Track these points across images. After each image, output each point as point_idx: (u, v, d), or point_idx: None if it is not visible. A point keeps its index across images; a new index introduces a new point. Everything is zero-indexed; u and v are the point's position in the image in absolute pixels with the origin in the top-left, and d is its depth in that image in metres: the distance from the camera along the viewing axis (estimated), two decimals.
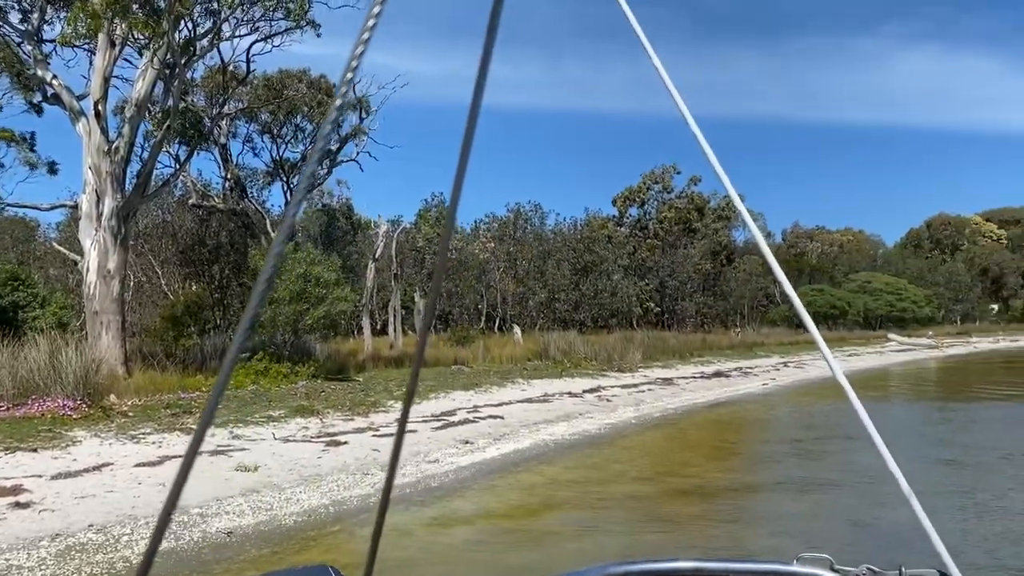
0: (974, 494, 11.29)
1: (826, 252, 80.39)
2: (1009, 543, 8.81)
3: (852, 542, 8.93)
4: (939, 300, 74.90)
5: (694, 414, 21.16)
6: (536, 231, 51.81)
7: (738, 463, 14.83)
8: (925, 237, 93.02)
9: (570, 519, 10.18)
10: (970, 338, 66.37)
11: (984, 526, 9.52)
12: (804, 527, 9.77)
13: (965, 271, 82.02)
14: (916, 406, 23.78)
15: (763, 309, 62.10)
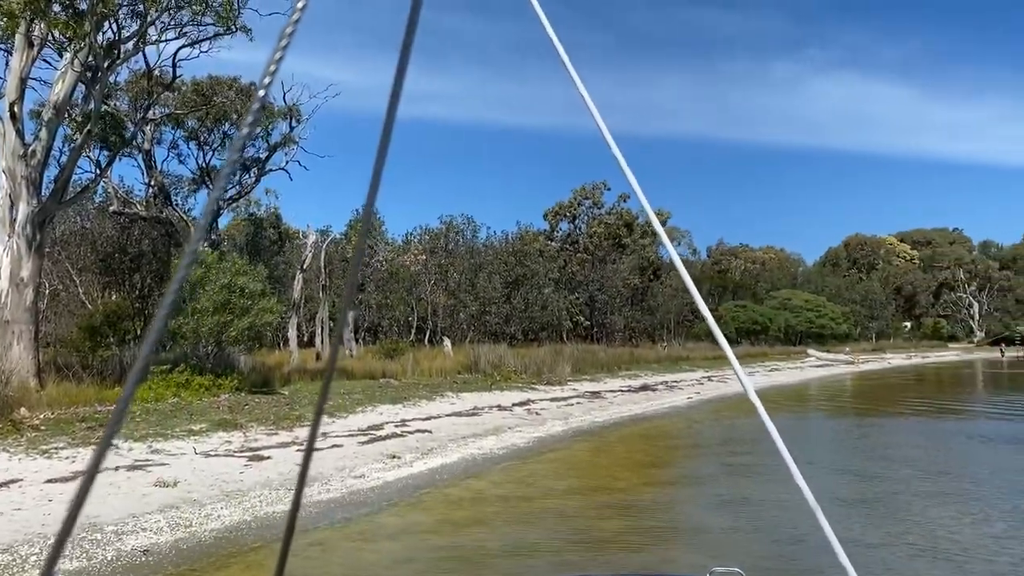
0: (879, 505, 11.74)
1: (749, 269, 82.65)
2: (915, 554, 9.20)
3: (770, 555, 9.18)
4: (856, 317, 77.67)
5: (621, 427, 21.43)
6: (468, 244, 51.90)
7: (663, 477, 15.08)
8: (843, 256, 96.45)
9: (497, 534, 10.19)
10: (884, 354, 68.98)
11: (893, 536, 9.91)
12: (725, 541, 10.00)
13: (880, 289, 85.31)
14: (834, 420, 24.59)
15: (689, 324, 63.36)
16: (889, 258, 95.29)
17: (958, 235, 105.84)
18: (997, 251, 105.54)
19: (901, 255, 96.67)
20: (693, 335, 60.55)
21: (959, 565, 8.68)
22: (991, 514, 11.13)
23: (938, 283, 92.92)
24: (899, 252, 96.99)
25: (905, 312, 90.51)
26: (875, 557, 8.82)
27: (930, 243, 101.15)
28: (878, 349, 73.51)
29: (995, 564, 8.72)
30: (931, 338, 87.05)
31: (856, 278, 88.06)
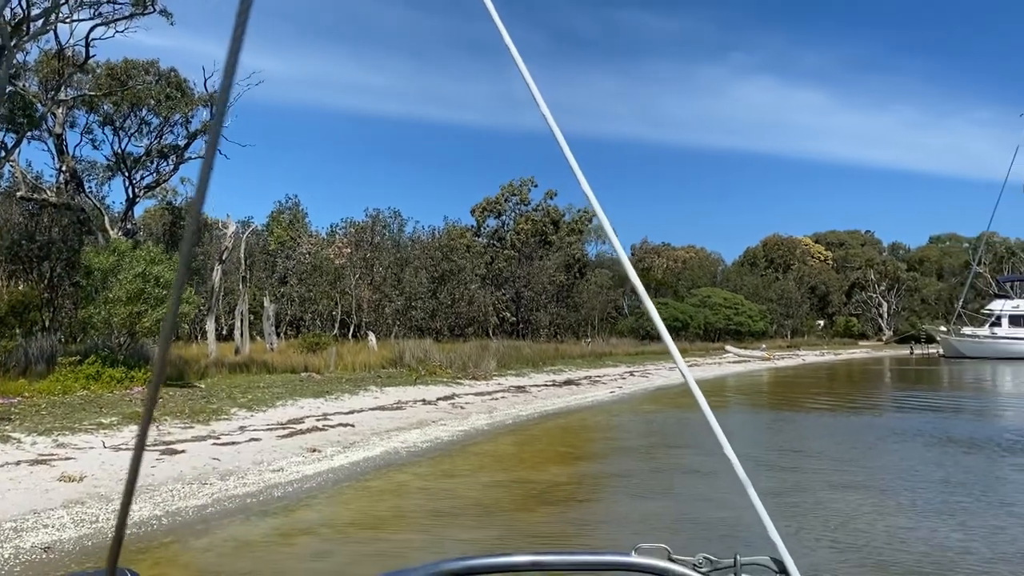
0: (794, 494, 12.12)
1: (671, 268, 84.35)
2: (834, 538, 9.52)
3: (693, 538, 9.36)
4: (772, 315, 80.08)
5: (545, 421, 21.57)
6: (394, 238, 51.45)
7: (585, 468, 15.23)
8: (761, 256, 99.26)
9: (419, 527, 10.11)
10: (799, 351, 71.33)
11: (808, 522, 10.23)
12: (650, 527, 10.15)
13: (795, 289, 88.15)
14: (749, 414, 25.27)
15: (612, 320, 64.30)
16: (804, 258, 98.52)
17: (869, 237, 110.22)
18: (905, 253, 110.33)
19: (816, 255, 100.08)
20: (616, 331, 61.47)
21: (863, 551, 9.02)
22: (894, 504, 11.60)
23: (850, 283, 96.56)
24: (814, 253, 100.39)
25: (819, 310, 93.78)
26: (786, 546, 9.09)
27: (843, 244, 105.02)
28: (793, 346, 75.98)
29: (898, 552, 9.08)
30: (843, 336, 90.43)
31: (773, 277, 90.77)
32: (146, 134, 32.31)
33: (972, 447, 16.74)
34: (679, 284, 77.81)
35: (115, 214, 33.88)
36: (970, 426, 20.68)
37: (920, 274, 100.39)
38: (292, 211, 52.55)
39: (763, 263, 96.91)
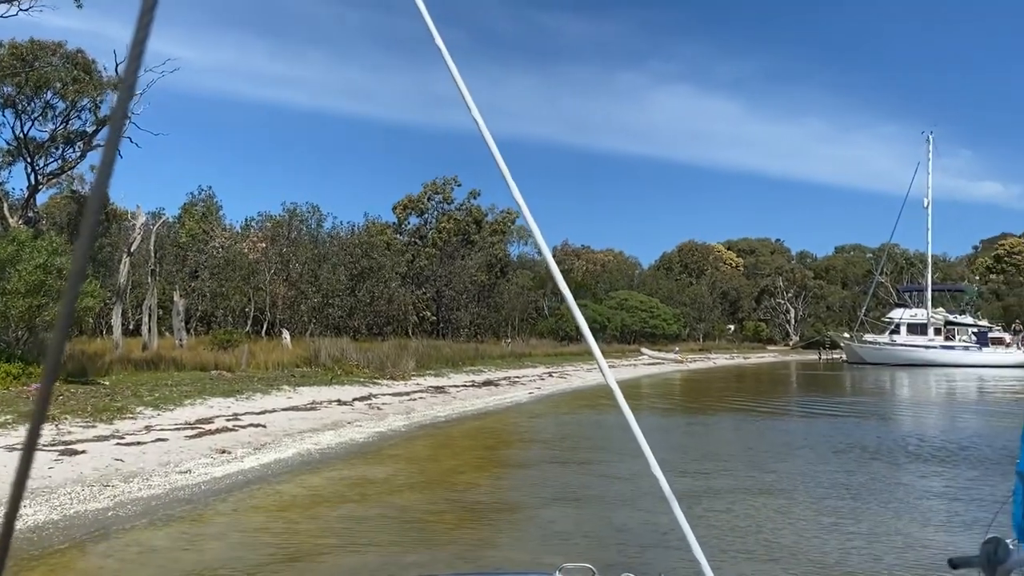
0: (706, 499, 12.40)
1: (590, 270, 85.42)
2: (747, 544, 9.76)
3: (615, 548, 9.45)
4: (685, 319, 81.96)
5: (463, 422, 21.52)
6: (312, 233, 50.44)
7: (503, 470, 15.24)
8: (676, 261, 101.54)
9: (330, 532, 9.91)
10: (710, 354, 73.22)
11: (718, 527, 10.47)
12: (570, 535, 10.21)
13: (708, 294, 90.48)
14: (664, 417, 25.78)
15: (533, 321, 64.69)
16: (717, 264, 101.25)
17: (779, 245, 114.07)
18: (812, 261, 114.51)
19: (728, 262, 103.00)
20: (537, 332, 61.87)
21: (774, 554, 9.29)
22: (801, 510, 11.99)
23: (760, 289, 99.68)
24: (726, 259, 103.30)
25: (730, 315, 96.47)
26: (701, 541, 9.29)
27: (754, 252, 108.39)
28: (704, 349, 77.95)
29: (802, 554, 9.38)
30: (752, 340, 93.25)
31: (687, 282, 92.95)
32: (51, 118, 30.83)
33: (875, 453, 17.45)
34: (598, 286, 78.84)
35: (15, 201, 32.21)
36: (873, 432, 21.59)
37: (826, 282, 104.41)
38: (206, 203, 51.01)
39: (678, 268, 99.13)
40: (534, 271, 69.19)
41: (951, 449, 17.93)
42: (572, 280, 76.43)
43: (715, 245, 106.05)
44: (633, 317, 72.99)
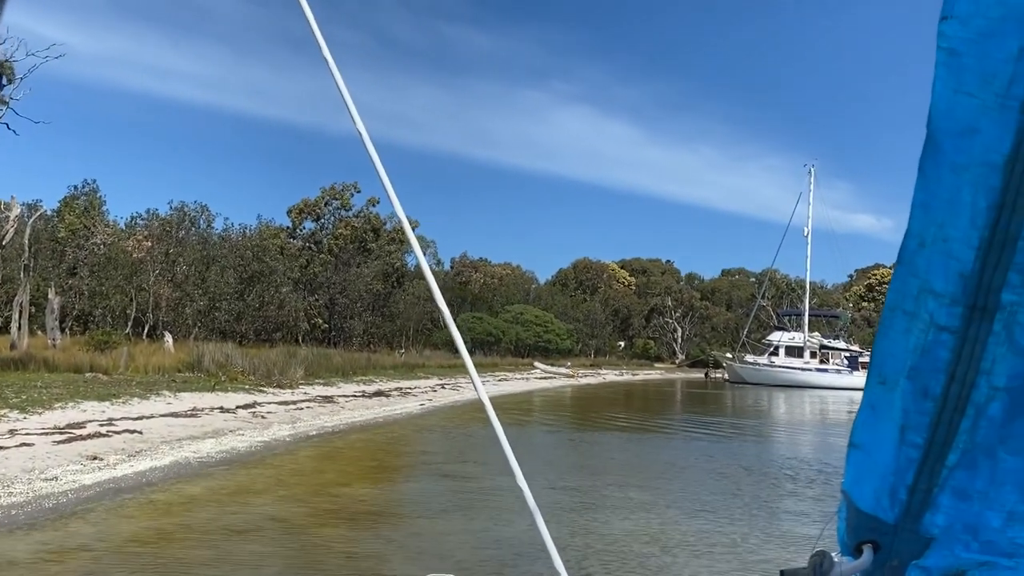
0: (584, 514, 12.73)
1: (488, 283, 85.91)
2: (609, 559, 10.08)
3: (489, 560, 9.58)
4: (578, 334, 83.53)
5: (351, 433, 21.26)
6: (201, 234, 48.82)
7: (388, 483, 15.16)
8: (571, 277, 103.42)
9: (207, 544, 9.66)
10: (600, 370, 74.81)
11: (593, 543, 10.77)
12: (448, 547, 10.28)
13: (600, 310, 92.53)
14: (552, 432, 26.21)
15: (428, 332, 64.48)
16: (610, 282, 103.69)
17: (669, 266, 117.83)
18: (700, 283, 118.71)
19: (620, 280, 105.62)
20: (431, 343, 61.70)
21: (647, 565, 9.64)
22: (680, 530, 12.47)
23: (650, 308, 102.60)
24: (619, 277, 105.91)
25: (620, 332, 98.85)
26: (571, 556, 9.54)
27: (645, 271, 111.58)
28: (595, 365, 79.57)
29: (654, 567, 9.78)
30: (641, 357, 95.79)
31: (581, 298, 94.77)
32: None
33: (753, 472, 18.28)
34: (494, 299, 79.39)
35: None
36: (752, 451, 22.60)
37: (712, 303, 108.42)
38: (88, 197, 48.69)
39: (573, 284, 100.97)
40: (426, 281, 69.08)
41: (816, 468, 18.99)
42: (469, 292, 76.70)
43: (609, 263, 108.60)
44: (528, 331, 73.82)
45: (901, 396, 1.12)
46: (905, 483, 1.18)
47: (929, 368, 1.07)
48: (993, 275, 0.97)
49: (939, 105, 0.94)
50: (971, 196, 0.96)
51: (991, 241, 0.96)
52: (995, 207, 0.94)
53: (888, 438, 1.16)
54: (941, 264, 1.01)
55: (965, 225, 0.97)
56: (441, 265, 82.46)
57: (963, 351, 1.03)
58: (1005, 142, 0.90)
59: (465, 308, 71.86)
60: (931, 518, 1.22)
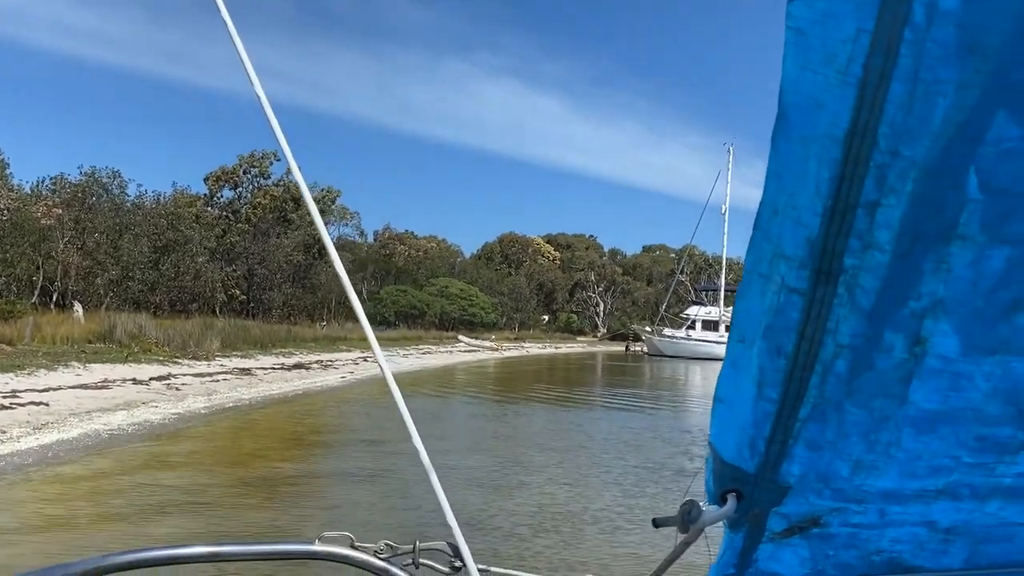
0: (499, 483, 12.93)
1: (413, 256, 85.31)
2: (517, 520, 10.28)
3: (402, 523, 9.65)
4: (503, 308, 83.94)
5: (269, 405, 21.00)
6: (114, 201, 46.90)
7: (304, 453, 15.06)
8: (497, 251, 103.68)
9: (116, 517, 9.46)
10: (524, 343, 75.46)
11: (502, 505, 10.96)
12: (360, 513, 10.31)
13: (526, 284, 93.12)
14: (472, 403, 26.38)
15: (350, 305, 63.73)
16: (535, 257, 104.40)
17: (592, 242, 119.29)
18: (622, 259, 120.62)
19: (545, 255, 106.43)
20: (354, 316, 60.87)
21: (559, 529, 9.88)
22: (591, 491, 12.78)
23: (573, 282, 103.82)
24: (544, 252, 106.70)
25: (544, 306, 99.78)
26: (493, 524, 9.71)
27: (570, 246, 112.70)
28: (519, 338, 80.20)
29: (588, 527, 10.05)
30: (564, 331, 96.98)
31: (506, 272, 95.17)
32: None
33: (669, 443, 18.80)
34: (419, 273, 78.96)
35: None
36: (668, 422, 23.23)
37: (633, 279, 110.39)
38: None
39: (499, 258, 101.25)
40: (354, 253, 68.19)
41: None
42: (394, 265, 76.08)
43: (535, 238, 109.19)
44: (453, 305, 73.79)
45: (758, 354, 1.21)
46: (763, 435, 1.28)
47: (781, 327, 1.16)
48: (836, 241, 1.07)
49: (788, 81, 1.02)
50: (816, 167, 1.04)
51: (833, 209, 1.05)
52: (836, 178, 1.03)
53: (747, 393, 1.26)
54: (791, 230, 1.10)
55: (811, 194, 1.06)
56: (365, 237, 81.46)
57: (811, 311, 1.13)
58: (844, 117, 0.99)
59: (390, 281, 71.29)
60: (787, 468, 1.32)
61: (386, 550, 1.50)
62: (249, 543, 1.57)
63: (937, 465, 1.29)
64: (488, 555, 8.21)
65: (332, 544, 1.53)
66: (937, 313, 1.12)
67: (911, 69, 0.94)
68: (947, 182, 1.02)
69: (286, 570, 7.15)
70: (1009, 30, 0.92)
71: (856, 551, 1.52)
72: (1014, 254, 1.06)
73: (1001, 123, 0.98)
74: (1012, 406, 1.19)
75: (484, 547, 8.52)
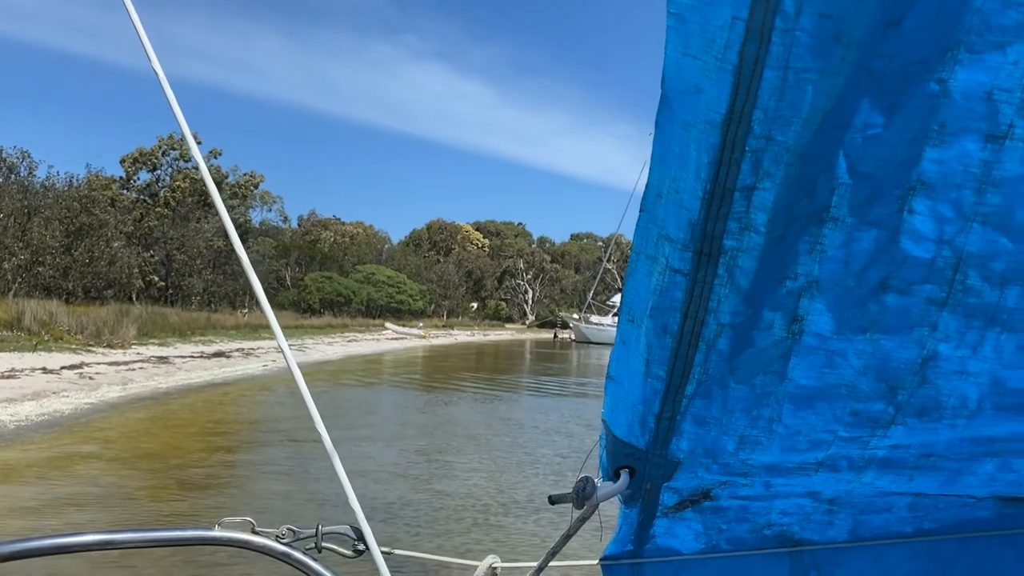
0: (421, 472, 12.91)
1: (339, 242, 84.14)
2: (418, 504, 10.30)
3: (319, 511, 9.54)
4: (431, 295, 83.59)
5: (187, 394, 20.46)
6: (22, 182, 44.81)
7: (223, 443, 14.74)
8: (425, 238, 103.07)
9: (23, 511, 9.09)
10: (453, 331, 75.34)
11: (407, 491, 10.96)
12: (276, 502, 10.16)
13: (454, 272, 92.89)
14: (398, 392, 26.24)
15: (274, 292, 62.54)
16: (464, 244, 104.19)
17: (521, 229, 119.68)
18: (551, 246, 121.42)
19: (474, 242, 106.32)
20: (277, 304, 59.90)
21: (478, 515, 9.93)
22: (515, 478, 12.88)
23: (502, 270, 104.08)
24: (473, 239, 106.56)
25: (473, 293, 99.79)
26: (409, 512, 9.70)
27: (499, 234, 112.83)
28: (448, 325, 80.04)
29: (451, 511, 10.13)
30: (493, 318, 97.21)
31: (435, 259, 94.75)
32: None
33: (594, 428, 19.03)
34: (345, 259, 77.92)
35: None
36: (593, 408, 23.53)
37: (562, 266, 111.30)
38: None
39: (427, 245, 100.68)
40: (277, 239, 66.89)
41: None
42: (319, 251, 74.88)
43: (463, 225, 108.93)
44: (380, 292, 73.09)
45: (645, 332, 1.24)
46: (652, 412, 1.32)
47: (667, 307, 1.19)
48: (716, 223, 1.10)
49: (670, 66, 1.04)
50: (696, 151, 1.07)
51: (712, 193, 1.08)
52: (715, 162, 1.05)
53: (637, 371, 1.29)
54: (674, 213, 1.13)
55: (692, 178, 1.09)
56: (289, 222, 79.90)
57: (694, 292, 1.16)
58: (722, 102, 1.01)
59: (314, 267, 70.14)
60: (676, 444, 1.36)
61: (288, 535, 1.48)
62: (145, 530, 1.52)
63: (816, 439, 1.34)
64: (406, 542, 8.20)
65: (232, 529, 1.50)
66: (812, 293, 1.17)
67: (782, 57, 0.97)
68: (818, 166, 1.06)
69: (196, 558, 7.01)
70: (871, 21, 0.96)
71: (747, 524, 1.57)
72: (881, 236, 1.11)
73: (866, 110, 1.02)
74: (882, 382, 1.24)
75: (400, 534, 8.52)
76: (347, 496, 1.62)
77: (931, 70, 1.00)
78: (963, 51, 0.98)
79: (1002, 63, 0.98)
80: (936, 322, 1.17)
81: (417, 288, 79.32)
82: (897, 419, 1.30)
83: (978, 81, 0.99)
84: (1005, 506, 1.57)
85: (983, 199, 1.07)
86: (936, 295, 1.15)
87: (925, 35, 0.97)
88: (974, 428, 1.32)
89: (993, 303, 1.14)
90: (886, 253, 1.12)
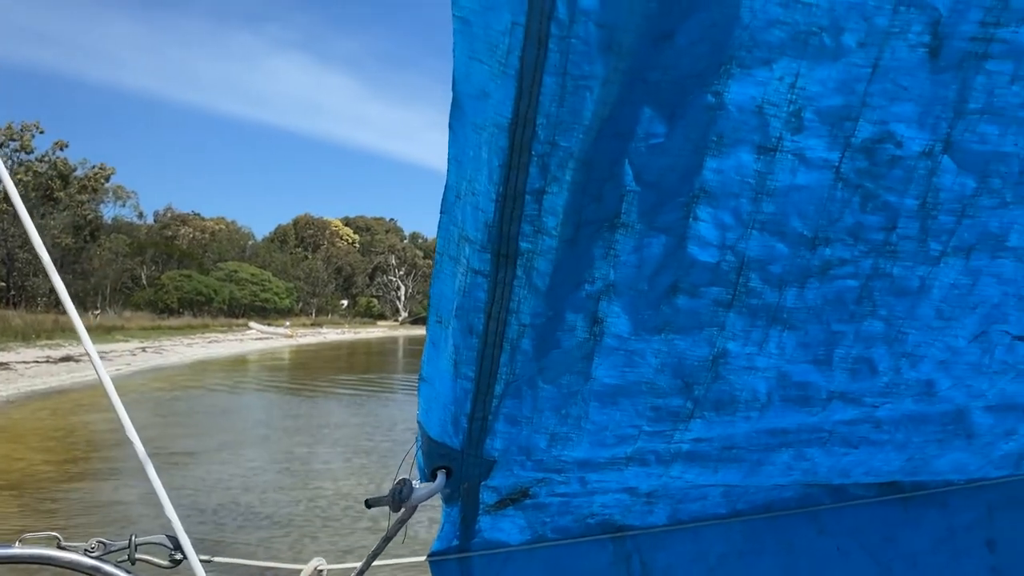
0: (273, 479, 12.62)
1: (198, 239, 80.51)
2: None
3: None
4: (299, 293, 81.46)
5: (31, 402, 19.17)
6: None
7: (69, 454, 13.87)
8: (292, 234, 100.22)
9: None
10: (322, 329, 73.72)
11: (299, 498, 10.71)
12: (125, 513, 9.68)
13: (323, 268, 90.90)
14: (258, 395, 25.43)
15: (128, 292, 59.26)
16: (333, 240, 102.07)
17: (393, 224, 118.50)
18: (423, 242, 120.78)
19: (344, 238, 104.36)
20: (132, 304, 56.79)
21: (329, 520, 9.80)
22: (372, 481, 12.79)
23: (374, 266, 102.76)
24: (342, 235, 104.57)
25: (343, 290, 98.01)
26: (251, 518, 9.44)
27: (369, 229, 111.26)
28: (317, 324, 78.25)
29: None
30: (364, 315, 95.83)
31: (302, 256, 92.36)
32: None
33: None
34: (205, 256, 74.69)
35: None
36: None
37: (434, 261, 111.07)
38: None
39: (293, 241, 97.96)
40: (132, 236, 63.37)
41: None
42: (177, 248, 71.47)
43: (332, 220, 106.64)
44: (243, 290, 70.57)
45: (452, 333, 1.25)
46: (464, 412, 1.33)
47: (471, 307, 1.21)
48: (510, 225, 1.12)
49: (459, 69, 1.05)
50: (488, 154, 1.09)
51: (506, 195, 1.09)
52: (505, 165, 1.07)
53: (446, 372, 1.30)
54: (472, 215, 1.14)
55: (485, 180, 1.10)
56: (144, 218, 75.75)
57: (495, 292, 1.18)
58: (508, 106, 1.03)
59: (172, 265, 66.87)
60: (491, 443, 1.38)
61: (98, 548, 1.42)
62: None
63: (622, 435, 1.40)
64: (244, 551, 7.98)
65: (34, 546, 1.41)
66: (610, 295, 1.21)
67: (560, 63, 0.98)
68: (603, 173, 1.10)
69: None
70: (641, 34, 0.98)
71: (571, 516, 1.63)
72: (670, 242, 1.16)
73: (647, 120, 1.06)
74: (679, 379, 1.31)
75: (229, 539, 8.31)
76: (162, 504, 1.56)
77: (707, 83, 1.03)
78: (735, 66, 1.02)
79: (769, 78, 1.04)
80: (724, 322, 1.24)
81: (283, 286, 77.09)
82: (696, 413, 1.37)
83: (749, 95, 1.04)
84: (807, 487, 1.69)
85: (759, 207, 1.13)
86: (722, 297, 1.21)
87: (698, 50, 1.01)
88: (767, 420, 1.40)
89: (773, 303, 1.22)
90: (675, 258, 1.17)
